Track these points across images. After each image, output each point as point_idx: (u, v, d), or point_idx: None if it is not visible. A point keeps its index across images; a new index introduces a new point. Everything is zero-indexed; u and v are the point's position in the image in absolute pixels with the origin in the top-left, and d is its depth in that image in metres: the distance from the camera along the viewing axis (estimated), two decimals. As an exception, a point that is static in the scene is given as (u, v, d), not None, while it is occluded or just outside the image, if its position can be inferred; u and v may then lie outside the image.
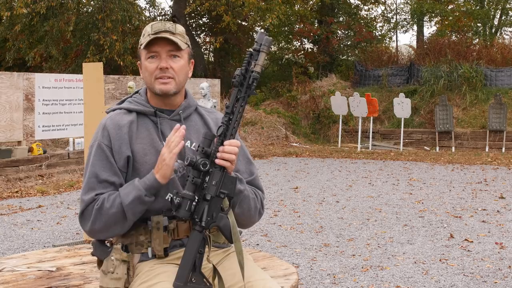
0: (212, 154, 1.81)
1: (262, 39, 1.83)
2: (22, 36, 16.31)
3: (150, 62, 1.93)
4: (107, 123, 1.95)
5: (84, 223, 1.88)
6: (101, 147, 1.91)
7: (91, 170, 1.89)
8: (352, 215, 6.61)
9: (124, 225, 1.85)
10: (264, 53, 1.82)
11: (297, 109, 17.19)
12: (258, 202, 2.04)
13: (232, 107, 1.82)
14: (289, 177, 9.79)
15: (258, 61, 1.82)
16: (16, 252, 4.95)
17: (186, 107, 2.03)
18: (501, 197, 7.77)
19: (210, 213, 1.80)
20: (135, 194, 1.81)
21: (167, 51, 1.92)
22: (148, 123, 1.97)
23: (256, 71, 1.81)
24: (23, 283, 2.23)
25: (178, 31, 1.95)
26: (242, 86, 1.82)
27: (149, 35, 1.91)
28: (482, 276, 4.31)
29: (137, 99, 2.02)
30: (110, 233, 1.88)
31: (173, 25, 1.95)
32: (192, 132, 2.01)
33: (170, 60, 1.93)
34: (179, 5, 18.87)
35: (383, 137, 15.55)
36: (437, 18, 23.80)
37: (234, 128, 1.83)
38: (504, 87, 15.92)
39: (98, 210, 1.83)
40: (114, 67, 16.50)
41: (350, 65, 20.36)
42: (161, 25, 1.93)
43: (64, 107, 10.44)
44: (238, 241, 1.84)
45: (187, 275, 1.76)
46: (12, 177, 8.84)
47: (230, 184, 1.82)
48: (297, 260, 4.71)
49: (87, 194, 1.87)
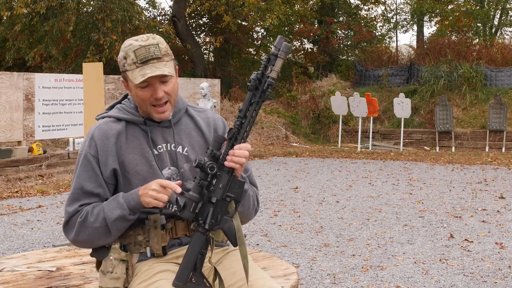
0: (220, 157, 1.80)
1: (281, 44, 1.80)
2: (22, 36, 16.30)
3: (142, 91, 1.87)
4: (95, 133, 1.93)
5: (68, 233, 1.89)
6: (87, 157, 1.90)
7: (76, 181, 1.89)
8: (352, 215, 6.61)
9: (108, 239, 1.86)
10: (282, 59, 1.80)
11: (297, 109, 17.19)
12: (255, 200, 2.04)
13: (245, 111, 1.80)
14: (289, 177, 9.79)
15: (275, 67, 1.80)
16: (16, 252, 4.95)
17: (176, 112, 1.99)
18: (501, 197, 7.77)
19: (214, 216, 1.80)
20: (119, 213, 1.81)
21: (158, 78, 1.86)
22: (138, 132, 1.94)
23: (272, 76, 1.79)
24: (23, 283, 2.23)
25: (163, 52, 1.86)
26: (256, 91, 1.80)
27: (136, 64, 1.84)
28: (482, 276, 4.31)
29: (126, 107, 1.98)
30: (94, 245, 1.89)
31: (156, 45, 1.86)
32: (184, 136, 1.99)
33: (162, 86, 1.88)
34: (179, 5, 18.86)
35: (383, 137, 15.56)
36: (437, 18, 23.81)
37: (246, 132, 1.81)
38: (504, 87, 15.92)
39: (82, 222, 1.84)
40: (114, 67, 16.49)
41: (350, 65, 20.36)
42: (145, 51, 1.84)
43: (64, 107, 10.44)
44: (243, 245, 1.83)
45: (188, 275, 1.77)
46: (12, 177, 8.84)
47: (237, 188, 1.82)
48: (297, 260, 4.71)
49: (71, 205, 1.88)
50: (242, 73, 21.26)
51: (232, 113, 15.65)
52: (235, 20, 17.99)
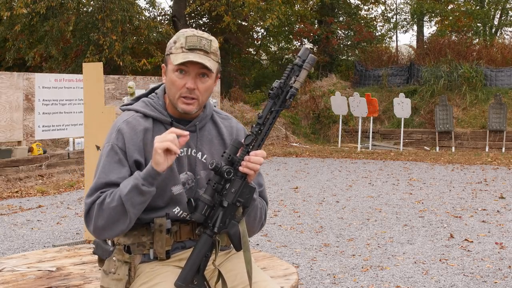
0: (236, 162, 1.79)
1: (306, 55, 1.81)
2: (22, 36, 16.31)
3: (178, 77, 1.86)
4: (122, 127, 1.89)
5: (88, 223, 1.84)
6: (114, 149, 1.86)
7: (101, 171, 1.85)
8: (352, 215, 6.61)
9: (126, 221, 1.78)
10: (307, 71, 1.81)
11: (297, 109, 17.19)
12: (263, 214, 2.02)
13: (264, 118, 1.81)
14: (289, 177, 9.79)
15: (299, 78, 1.80)
16: (16, 252, 4.95)
17: (202, 118, 1.98)
18: (501, 197, 7.77)
19: (223, 220, 1.80)
20: (132, 183, 1.76)
21: (198, 68, 1.85)
22: (163, 132, 1.91)
23: (295, 87, 1.80)
24: (23, 283, 2.23)
25: (212, 49, 1.87)
26: (277, 99, 1.81)
27: (182, 49, 1.84)
28: (482, 276, 4.31)
29: (154, 103, 1.96)
30: (113, 231, 1.81)
31: (208, 41, 1.87)
32: (205, 143, 1.97)
33: (198, 80, 1.86)
34: (179, 5, 18.86)
35: (383, 137, 15.55)
36: (437, 18, 23.81)
37: (263, 139, 1.82)
38: (504, 87, 15.92)
39: (100, 205, 1.79)
40: (114, 67, 16.50)
41: (350, 65, 20.36)
42: (196, 40, 1.84)
43: (64, 107, 10.44)
44: (247, 251, 1.82)
45: (191, 276, 1.77)
46: (12, 177, 8.84)
47: (247, 194, 1.81)
48: (297, 260, 4.71)
49: (91, 195, 1.83)
50: (242, 73, 21.27)
51: (232, 113, 15.65)
52: (235, 20, 17.99)
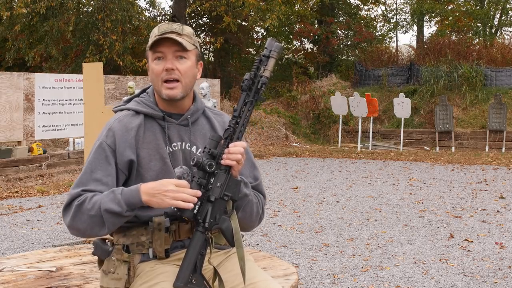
0: (218, 156, 1.81)
1: (272, 45, 1.85)
2: (22, 36, 16.31)
3: (156, 64, 1.91)
4: (114, 125, 1.92)
5: (65, 217, 1.87)
6: (102, 146, 1.89)
7: (87, 166, 1.88)
8: (352, 215, 6.61)
9: (102, 230, 1.82)
10: (274, 59, 1.84)
11: (297, 109, 17.19)
12: (260, 207, 2.03)
13: (239, 110, 1.83)
14: (289, 177, 9.79)
15: (268, 66, 1.84)
16: (16, 252, 4.95)
17: (194, 111, 2.00)
18: (501, 197, 7.77)
19: (213, 215, 1.80)
20: (115, 210, 1.77)
21: (173, 51, 1.89)
22: (155, 127, 1.95)
23: (265, 76, 1.83)
24: (23, 283, 2.23)
25: (185, 32, 1.92)
26: (250, 91, 1.84)
27: (156, 36, 1.90)
28: (482, 276, 4.31)
29: (145, 100, 1.99)
30: (88, 235, 1.85)
31: (180, 26, 1.93)
32: (199, 137, 2.00)
33: (176, 62, 1.90)
34: (179, 5, 18.86)
35: (383, 137, 15.56)
36: (437, 18, 23.82)
37: (240, 132, 1.83)
38: (504, 87, 15.93)
39: (78, 206, 1.81)
40: (114, 67, 16.50)
41: (350, 65, 20.36)
42: (167, 26, 1.91)
43: (64, 107, 10.44)
44: (240, 247, 1.83)
45: (188, 276, 1.76)
46: (12, 177, 8.84)
47: (234, 187, 1.82)
48: (297, 260, 4.71)
49: (75, 188, 1.87)
50: (242, 73, 21.26)
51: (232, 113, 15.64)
52: (235, 21, 17.99)
